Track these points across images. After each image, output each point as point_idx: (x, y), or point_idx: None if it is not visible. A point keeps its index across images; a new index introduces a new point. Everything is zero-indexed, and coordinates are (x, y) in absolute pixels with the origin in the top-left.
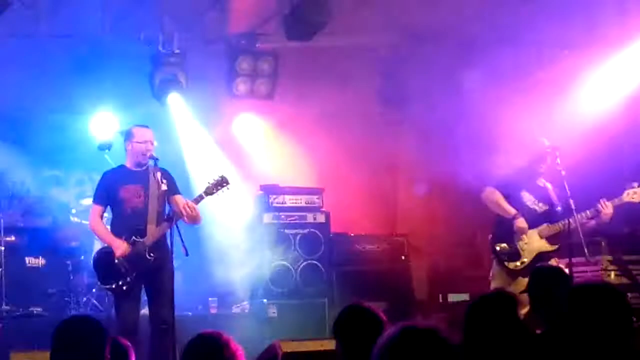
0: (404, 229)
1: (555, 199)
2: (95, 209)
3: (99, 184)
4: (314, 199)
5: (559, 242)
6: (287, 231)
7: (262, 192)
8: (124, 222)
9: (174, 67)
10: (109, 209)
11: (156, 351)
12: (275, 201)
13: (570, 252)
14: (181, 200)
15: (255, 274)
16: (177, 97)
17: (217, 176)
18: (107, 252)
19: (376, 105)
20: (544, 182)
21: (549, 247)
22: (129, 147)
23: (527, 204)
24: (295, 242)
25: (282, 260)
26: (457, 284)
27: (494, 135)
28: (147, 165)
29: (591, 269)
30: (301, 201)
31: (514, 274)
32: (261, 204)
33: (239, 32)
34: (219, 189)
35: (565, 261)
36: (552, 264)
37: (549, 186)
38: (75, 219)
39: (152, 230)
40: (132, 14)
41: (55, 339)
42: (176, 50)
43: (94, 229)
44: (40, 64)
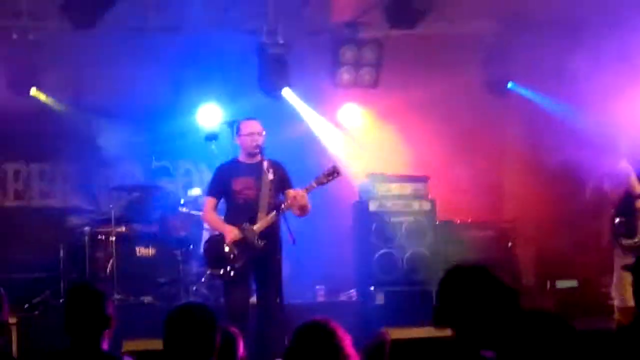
0: (510, 216)
1: None
2: (208, 201)
3: (212, 177)
4: (420, 187)
5: None
6: (393, 219)
7: (368, 180)
8: (237, 212)
9: (278, 58)
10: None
11: (264, 339)
12: (381, 189)
13: None
14: (292, 191)
15: (362, 261)
16: (287, 89)
17: (329, 165)
18: (218, 239)
19: (481, 92)
20: None
21: None
22: (238, 142)
23: None
24: (401, 229)
25: (388, 248)
26: (565, 270)
27: (601, 121)
28: (259, 156)
29: None
30: (407, 189)
31: (628, 251)
32: (367, 192)
33: (342, 22)
34: (329, 178)
35: None
36: None
37: None
38: (184, 209)
39: (263, 217)
40: (237, 6)
41: (166, 326)
42: (280, 41)
43: (206, 219)
44: (148, 56)
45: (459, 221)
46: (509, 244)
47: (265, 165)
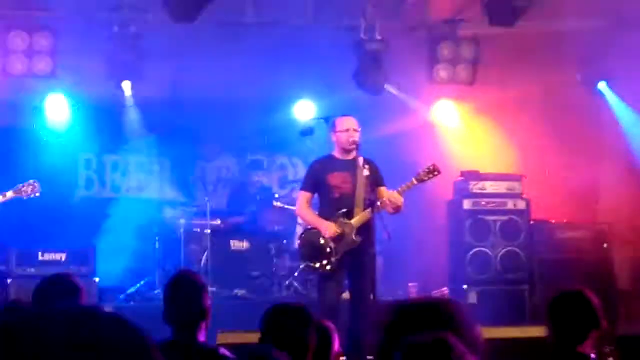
0: (606, 217)
1: None
2: (302, 196)
3: (307, 172)
4: (515, 186)
5: None
6: (486, 217)
7: (462, 178)
8: (333, 206)
9: (375, 54)
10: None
11: (357, 335)
12: (475, 187)
13: None
14: (385, 191)
15: (455, 259)
16: (390, 86)
17: (429, 164)
18: (314, 232)
19: (578, 91)
20: None
21: None
22: (333, 138)
23: None
24: (495, 228)
25: (482, 246)
26: None
27: None
28: (354, 153)
29: None
30: (501, 187)
31: None
32: (461, 189)
33: (440, 19)
34: (429, 176)
35: None
36: None
37: None
38: (277, 204)
39: (359, 213)
40: (335, 2)
41: (263, 323)
42: (378, 37)
43: (301, 214)
44: (245, 50)
45: (553, 221)
46: (604, 246)
47: (360, 161)
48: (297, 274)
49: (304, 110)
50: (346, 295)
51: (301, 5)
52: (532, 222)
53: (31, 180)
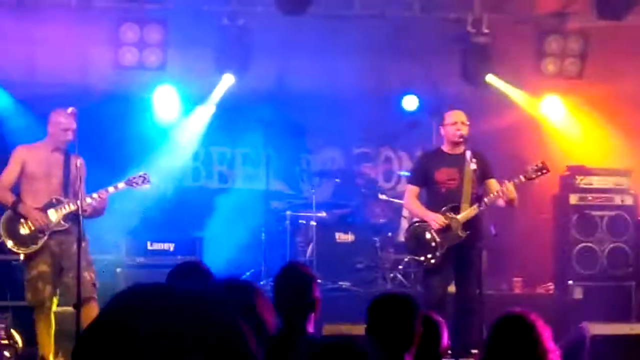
0: None
1: None
2: (410, 189)
3: (415, 165)
4: (622, 181)
5: None
6: (593, 213)
7: (568, 173)
8: (439, 201)
9: (482, 47)
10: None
11: (461, 329)
12: (582, 182)
13: None
14: (495, 184)
15: (560, 254)
16: (492, 77)
17: (538, 162)
18: (420, 225)
19: None
20: None
21: None
22: (442, 132)
23: None
24: (601, 224)
25: (588, 242)
26: None
27: None
28: (462, 146)
29: None
30: (609, 182)
31: None
32: (568, 184)
33: (548, 12)
34: (537, 174)
35: None
36: None
37: None
38: (383, 196)
39: (466, 208)
40: None
41: (369, 312)
42: (485, 30)
43: (408, 207)
44: (352, 44)
45: None
46: None
47: (468, 155)
48: (401, 267)
49: (410, 103)
50: (452, 288)
51: None
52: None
53: (142, 171)
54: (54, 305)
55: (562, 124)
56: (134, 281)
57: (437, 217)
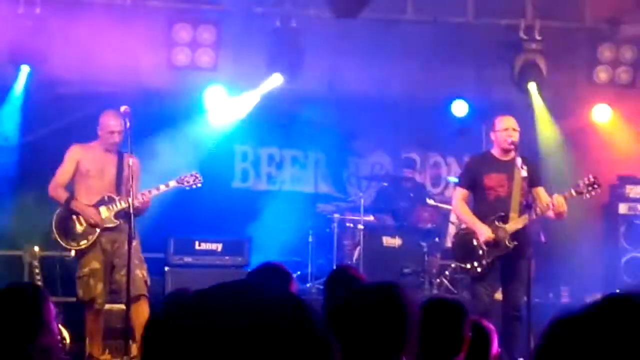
0: None
1: None
2: (459, 192)
3: (464, 168)
4: None
5: None
6: None
7: (618, 182)
8: (487, 208)
9: (534, 54)
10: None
11: (508, 337)
12: (632, 192)
13: None
14: (543, 193)
15: (609, 264)
16: (534, 85)
17: (590, 176)
18: (468, 233)
19: None
20: None
21: None
22: (492, 137)
23: None
24: None
25: (637, 252)
26: None
27: None
28: (513, 153)
29: None
30: None
31: None
32: (617, 194)
33: (601, 19)
34: (589, 189)
35: None
36: None
37: None
38: (431, 202)
39: (515, 218)
40: (495, 0)
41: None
42: (537, 37)
43: (457, 212)
44: (403, 48)
45: None
46: None
47: (518, 162)
48: (448, 273)
49: (460, 109)
50: (499, 295)
51: (461, 3)
52: None
53: (194, 171)
54: (104, 302)
55: (614, 132)
56: (182, 280)
57: (486, 231)
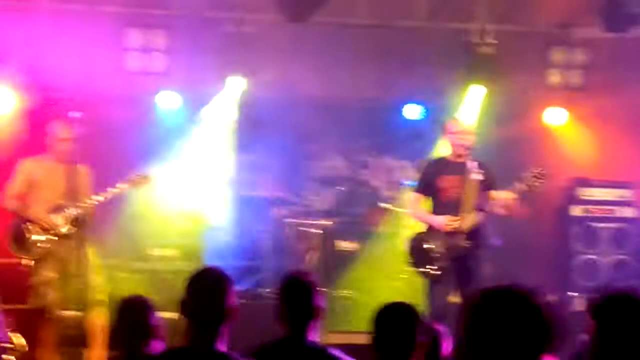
0: None
1: None
2: (414, 197)
3: (421, 173)
4: (625, 193)
5: None
6: (595, 225)
7: (571, 184)
8: (442, 210)
9: (487, 58)
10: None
11: None
12: (585, 194)
13: None
14: (497, 194)
15: (561, 266)
16: (479, 89)
17: (537, 169)
18: (420, 236)
19: None
20: None
21: None
22: (445, 140)
23: None
24: (604, 236)
25: (590, 254)
26: None
27: None
28: (466, 156)
29: None
30: (611, 195)
31: None
32: (570, 196)
33: (553, 23)
34: (534, 181)
35: None
36: None
37: None
38: (385, 205)
39: (468, 218)
40: (448, 4)
41: (373, 321)
42: (490, 40)
43: (411, 212)
44: (357, 52)
45: None
46: None
47: (472, 165)
48: (404, 276)
49: (413, 112)
50: (455, 298)
51: (414, 7)
52: None
53: (142, 173)
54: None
55: (565, 135)
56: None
57: (442, 219)
